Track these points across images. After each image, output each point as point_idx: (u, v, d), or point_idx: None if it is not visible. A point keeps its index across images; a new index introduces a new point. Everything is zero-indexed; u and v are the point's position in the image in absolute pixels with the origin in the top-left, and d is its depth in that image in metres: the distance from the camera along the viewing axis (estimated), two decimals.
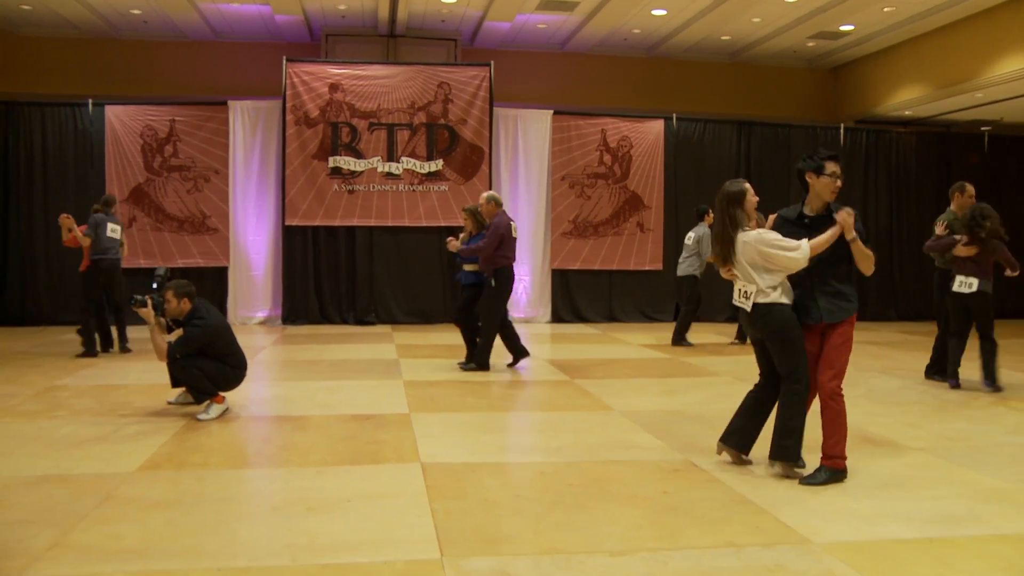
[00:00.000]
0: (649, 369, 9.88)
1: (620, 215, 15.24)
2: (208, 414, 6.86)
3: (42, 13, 13.74)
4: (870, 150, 16.14)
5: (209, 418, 6.82)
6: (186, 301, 6.92)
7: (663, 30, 14.77)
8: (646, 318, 15.25)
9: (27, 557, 3.86)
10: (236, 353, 7.11)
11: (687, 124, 15.59)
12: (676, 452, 5.84)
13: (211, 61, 15.18)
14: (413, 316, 14.53)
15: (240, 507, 4.74)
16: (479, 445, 6.15)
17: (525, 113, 15.05)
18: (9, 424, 6.60)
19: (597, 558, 3.89)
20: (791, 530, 4.29)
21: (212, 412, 6.89)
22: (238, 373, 7.12)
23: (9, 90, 14.36)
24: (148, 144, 14.14)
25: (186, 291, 6.93)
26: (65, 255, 13.89)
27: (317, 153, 14.18)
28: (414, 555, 3.93)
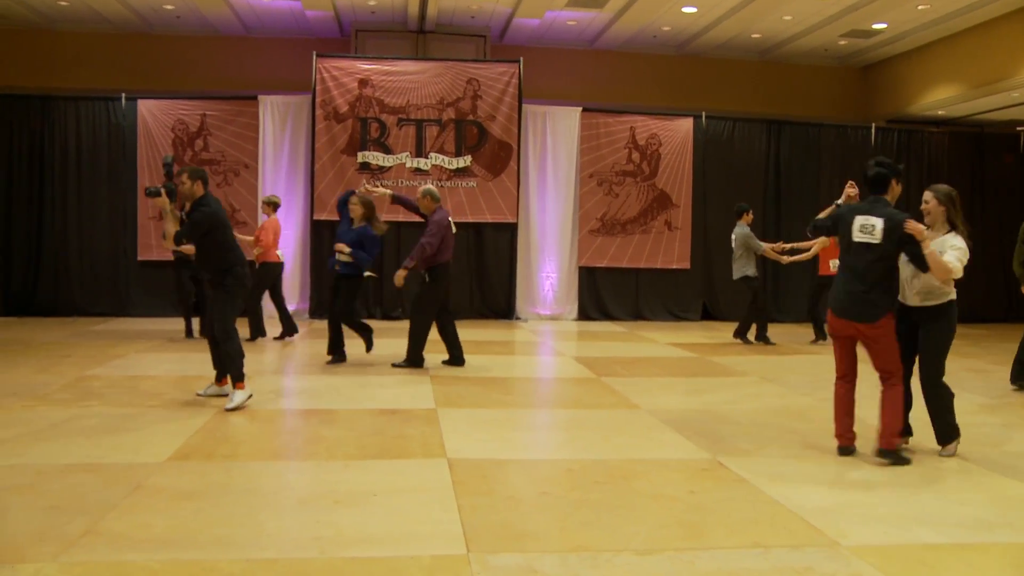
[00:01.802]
0: (676, 368, 9.84)
1: (648, 213, 15.18)
2: (233, 402, 6.93)
3: (78, 8, 13.89)
4: (901, 150, 15.96)
5: (235, 406, 6.88)
6: (199, 184, 7.04)
7: (693, 27, 14.70)
8: (673, 317, 15.19)
9: (61, 543, 3.91)
10: (236, 249, 7.21)
11: (716, 122, 15.50)
12: (703, 451, 5.82)
13: (242, 56, 15.28)
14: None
15: (268, 499, 4.77)
16: (505, 441, 6.16)
17: (554, 110, 15.03)
18: (42, 412, 6.69)
19: (623, 556, 3.89)
20: (819, 532, 4.26)
21: (236, 399, 6.95)
22: (246, 274, 7.23)
23: (45, 84, 14.52)
24: (179, 138, 14.26)
25: (200, 175, 7.09)
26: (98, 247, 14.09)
27: (346, 148, 14.24)
28: (440, 550, 3.94)
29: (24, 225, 14.15)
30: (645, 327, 14.08)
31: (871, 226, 5.48)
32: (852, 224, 5.58)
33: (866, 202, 5.66)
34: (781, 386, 8.59)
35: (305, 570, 3.70)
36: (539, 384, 9.15)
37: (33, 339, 11.12)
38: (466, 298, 14.66)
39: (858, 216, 5.57)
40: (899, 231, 5.38)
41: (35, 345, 10.59)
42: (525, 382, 9.10)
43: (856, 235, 5.55)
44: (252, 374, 8.71)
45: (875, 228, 5.46)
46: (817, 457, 5.72)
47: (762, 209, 14.83)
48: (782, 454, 5.78)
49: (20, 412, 6.72)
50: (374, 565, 3.77)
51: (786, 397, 8.03)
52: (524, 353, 11.30)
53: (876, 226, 5.46)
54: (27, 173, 14.15)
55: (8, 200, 14.09)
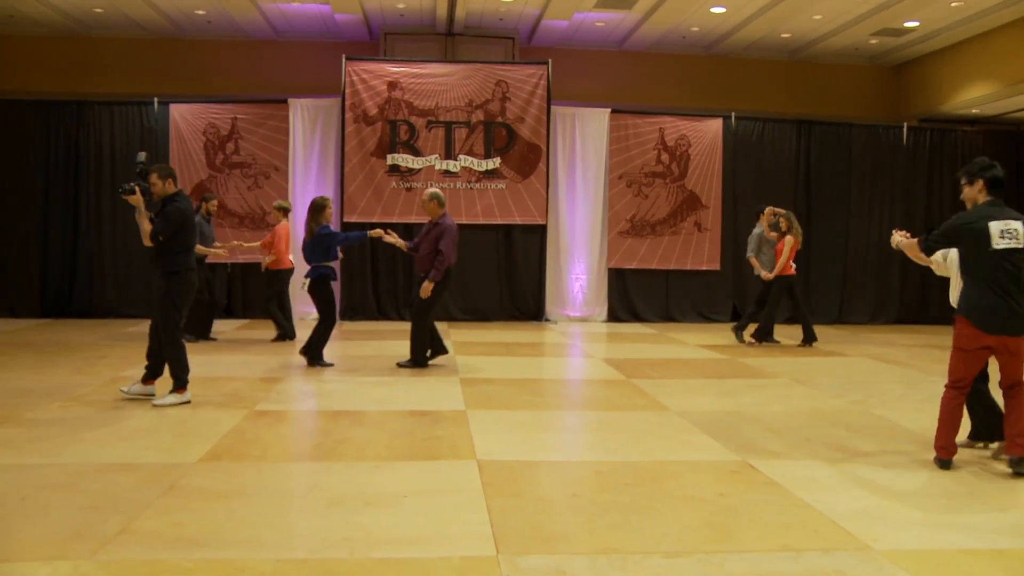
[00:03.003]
0: (706, 370, 9.80)
1: (678, 214, 15.13)
2: (165, 400, 7.04)
3: (113, 15, 14.08)
4: (934, 150, 15.78)
5: (165, 403, 7.00)
6: (170, 183, 7.15)
7: (722, 28, 14.64)
8: (703, 318, 15.13)
9: (97, 541, 3.98)
10: (193, 254, 7.28)
11: (746, 123, 15.42)
12: (733, 454, 5.79)
13: (272, 60, 15.40)
14: (469, 313, 14.58)
15: (298, 500, 4.80)
16: (535, 443, 6.17)
17: (583, 111, 15.02)
18: (78, 413, 6.78)
19: (653, 559, 3.88)
20: (851, 536, 4.22)
21: (170, 400, 7.06)
22: (195, 282, 7.31)
23: (81, 90, 14.72)
24: (211, 141, 14.40)
25: (169, 172, 7.19)
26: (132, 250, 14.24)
27: (375, 151, 14.31)
28: (470, 551, 3.95)
29: (60, 228, 14.36)
30: (675, 329, 14.03)
31: (1013, 230, 5.18)
32: (987, 232, 5.19)
33: (986, 207, 5.31)
34: (812, 388, 8.53)
35: (335, 570, 3.72)
36: (568, 386, 9.14)
37: (69, 340, 11.27)
38: (495, 300, 14.68)
39: (992, 222, 5.20)
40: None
41: (71, 346, 10.74)
42: (555, 384, 9.10)
43: (997, 242, 5.17)
44: (284, 376, 8.80)
45: (1018, 232, 5.16)
46: (849, 460, 5.68)
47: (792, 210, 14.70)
48: (813, 457, 5.74)
49: (58, 412, 6.81)
50: (404, 566, 3.79)
51: (817, 399, 7.97)
52: (553, 355, 11.30)
53: (1019, 230, 5.16)
54: (63, 177, 14.36)
55: (45, 204, 14.30)
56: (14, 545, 3.95)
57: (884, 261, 15.05)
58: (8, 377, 8.44)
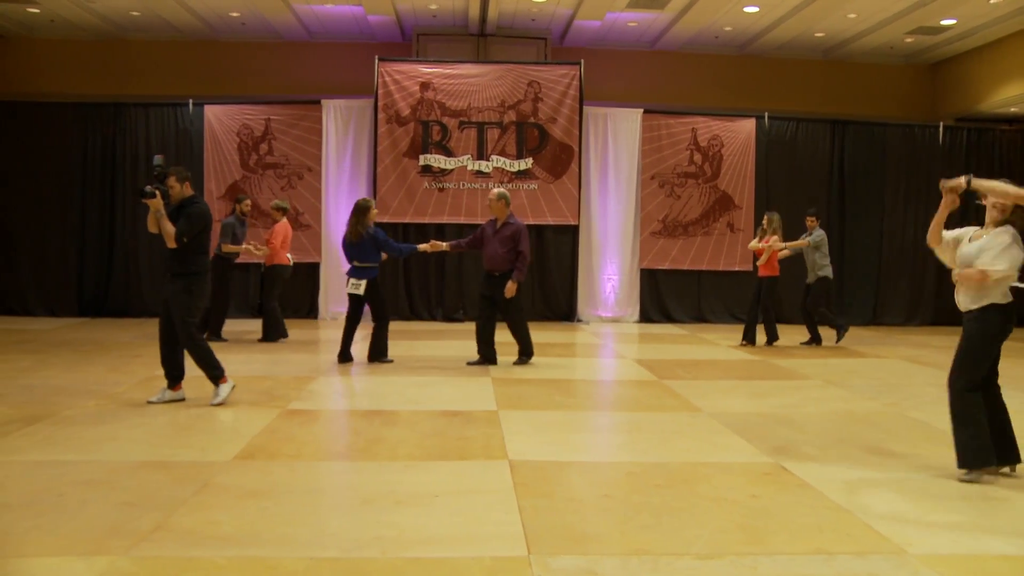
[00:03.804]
0: (738, 371, 9.75)
1: (710, 215, 15.06)
2: (219, 396, 7.08)
3: (149, 18, 14.25)
4: (971, 149, 15.58)
5: (221, 400, 7.04)
6: (188, 185, 7.25)
7: (755, 28, 14.55)
8: (735, 319, 15.01)
9: (133, 537, 4.02)
10: (208, 256, 7.38)
11: (779, 123, 15.31)
12: (765, 455, 5.75)
13: (305, 61, 15.51)
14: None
15: (331, 499, 4.84)
16: (567, 443, 6.16)
17: (615, 112, 14.99)
18: (115, 411, 6.86)
19: (684, 560, 3.86)
20: (885, 539, 4.17)
21: (223, 393, 7.10)
22: (208, 283, 7.44)
23: (117, 92, 14.93)
24: (244, 142, 14.53)
25: (186, 176, 7.29)
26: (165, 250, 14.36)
27: (408, 151, 14.37)
28: (502, 552, 3.95)
29: (97, 229, 14.55)
30: (707, 329, 13.96)
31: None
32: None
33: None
34: (845, 390, 8.46)
35: (367, 570, 3.74)
36: (600, 386, 9.13)
37: (105, 339, 11.42)
38: (527, 300, 14.62)
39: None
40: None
41: (107, 345, 10.87)
42: (586, 384, 9.09)
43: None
44: (314, 374, 8.86)
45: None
46: (883, 463, 5.62)
47: (827, 210, 14.60)
48: (847, 459, 5.69)
49: (94, 410, 6.91)
50: (435, 566, 3.80)
51: (850, 401, 7.90)
52: (585, 355, 11.29)
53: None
54: (100, 178, 14.56)
55: (83, 205, 14.51)
56: (53, 540, 4.01)
57: (919, 262, 14.87)
58: (47, 375, 8.57)
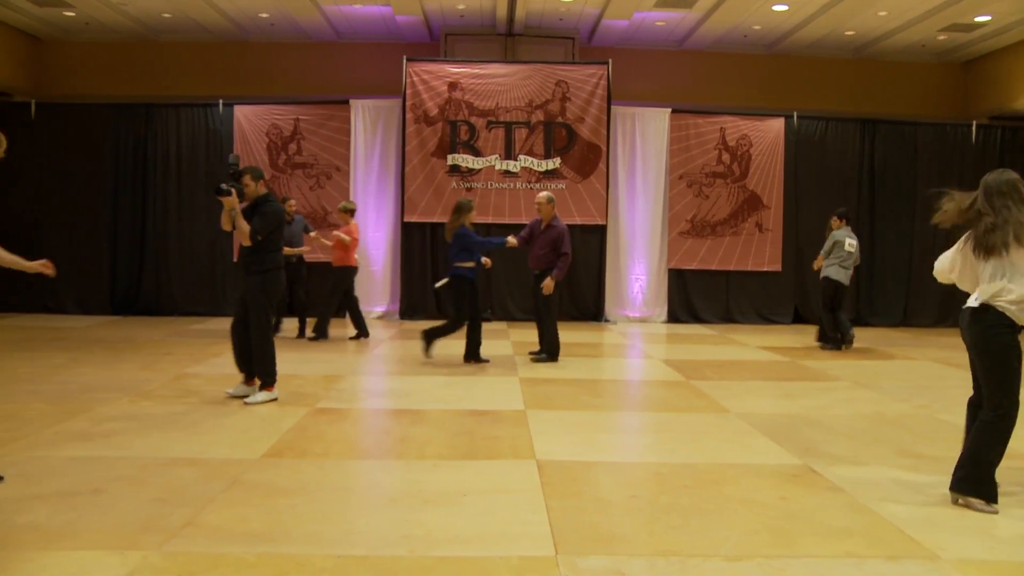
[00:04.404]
0: (767, 372, 9.69)
1: (738, 215, 14.99)
2: (257, 399, 7.16)
3: (180, 20, 14.39)
4: (1004, 148, 15.36)
5: (256, 402, 7.12)
6: (262, 184, 7.38)
7: (784, 26, 14.45)
8: (763, 320, 14.96)
9: (164, 533, 4.08)
10: (281, 253, 7.46)
11: (808, 122, 15.21)
12: (794, 457, 5.72)
13: (334, 61, 15.58)
14: (529, 313, 14.48)
15: (359, 497, 4.86)
16: (594, 444, 6.16)
17: (643, 111, 14.95)
18: (146, 408, 6.94)
19: (713, 562, 3.85)
20: (917, 544, 4.14)
21: (261, 398, 7.18)
22: (282, 279, 7.48)
23: (149, 93, 15.09)
24: (273, 142, 14.62)
25: (260, 174, 7.41)
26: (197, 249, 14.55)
27: (436, 151, 14.40)
28: (529, 551, 3.96)
29: (129, 228, 14.71)
30: (735, 330, 13.89)
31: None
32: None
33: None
34: (875, 392, 8.39)
35: (394, 568, 3.76)
36: (628, 387, 9.11)
37: (137, 337, 11.54)
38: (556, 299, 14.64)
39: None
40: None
41: (139, 343, 10.99)
42: (614, 384, 9.07)
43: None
44: (343, 373, 8.91)
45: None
46: (914, 465, 5.57)
47: (856, 211, 14.49)
48: (877, 462, 5.64)
49: (126, 407, 6.98)
50: (463, 565, 3.81)
51: (880, 403, 7.83)
52: (613, 355, 11.27)
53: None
54: (131, 178, 14.72)
55: (115, 204, 14.67)
56: (88, 535, 4.07)
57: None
58: (81, 372, 8.68)
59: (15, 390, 7.67)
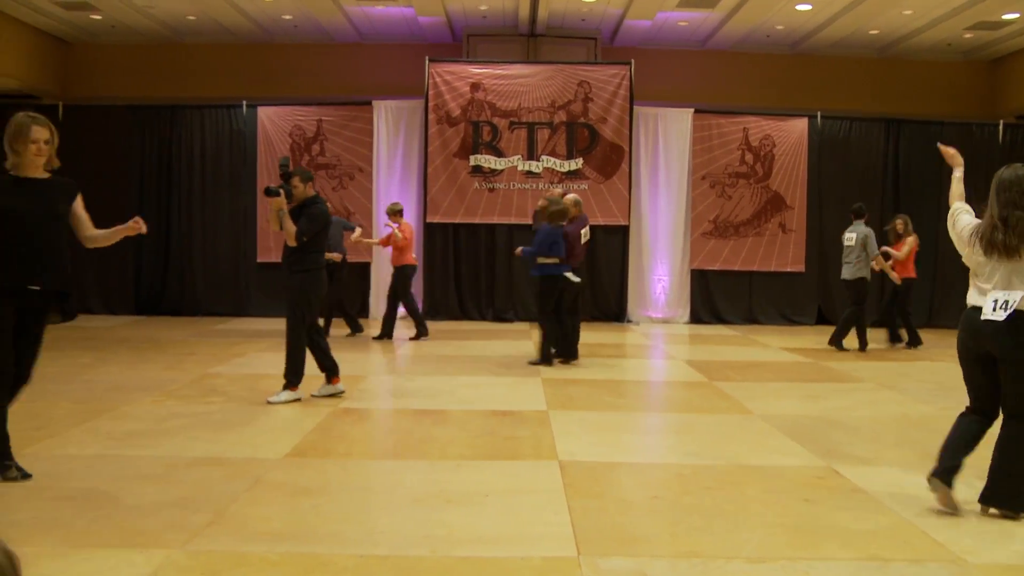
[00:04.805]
0: (790, 373, 9.64)
1: (761, 215, 14.92)
2: (279, 397, 7.20)
3: (204, 22, 14.49)
4: None
5: (278, 401, 7.16)
6: (310, 186, 7.47)
7: (807, 26, 14.36)
8: (787, 321, 14.88)
9: (188, 532, 4.10)
10: (324, 253, 7.61)
11: (832, 122, 15.11)
12: (818, 459, 5.68)
13: (356, 62, 15.63)
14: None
15: (381, 497, 4.88)
16: (617, 444, 6.15)
17: (665, 112, 14.91)
18: (171, 408, 7.00)
19: (735, 564, 3.84)
20: (942, 547, 4.09)
21: (284, 397, 7.21)
22: (324, 280, 7.61)
23: (173, 94, 15.18)
24: (297, 143, 14.70)
25: (309, 176, 7.52)
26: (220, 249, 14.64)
27: (458, 151, 14.42)
28: (551, 552, 3.96)
29: (153, 229, 14.68)
30: (758, 331, 13.83)
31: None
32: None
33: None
34: (899, 393, 8.33)
35: (416, 568, 3.77)
36: (650, 387, 9.09)
37: (161, 337, 11.63)
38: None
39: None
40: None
41: (163, 343, 11.08)
42: (636, 385, 9.05)
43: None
44: (369, 373, 8.94)
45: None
46: None
47: (880, 211, 14.37)
48: (901, 464, 5.60)
49: (151, 407, 7.04)
50: (485, 565, 3.81)
51: (905, 405, 7.77)
52: (635, 356, 11.25)
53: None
54: (156, 179, 14.86)
55: (139, 205, 14.73)
56: (113, 533, 4.11)
57: None
58: (106, 372, 8.77)
59: (42, 389, 7.72)
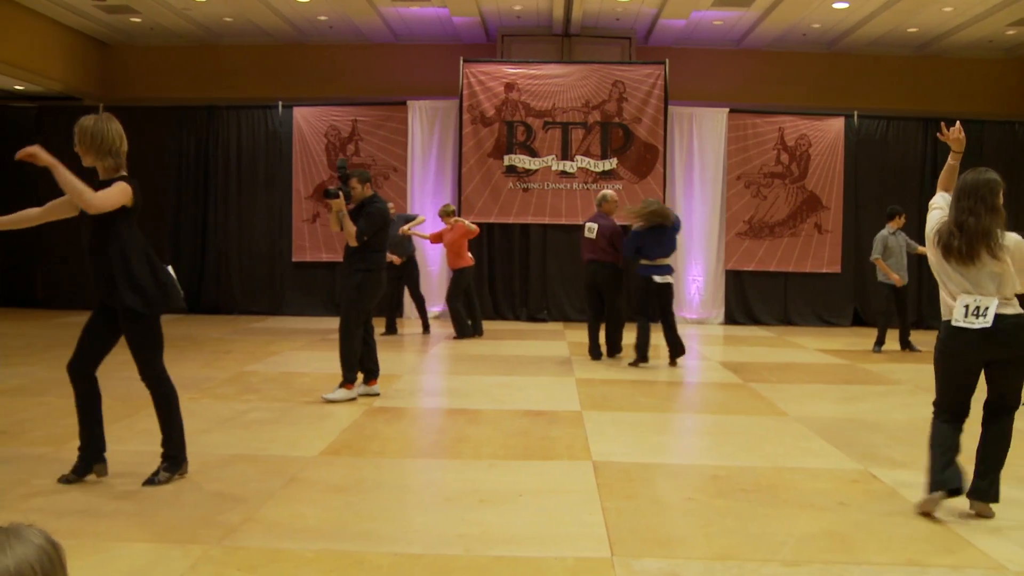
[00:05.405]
0: (825, 374, 9.56)
1: (797, 215, 14.79)
2: (335, 395, 7.25)
3: (241, 23, 14.62)
4: None
5: (333, 399, 7.21)
6: (368, 186, 7.48)
7: (844, 24, 14.22)
8: (822, 322, 14.74)
9: (224, 528, 4.15)
10: (384, 253, 7.59)
11: (869, 121, 14.95)
12: (854, 462, 5.63)
13: (391, 63, 15.70)
14: (585, 314, 14.47)
15: (415, 496, 4.90)
16: (651, 445, 6.13)
17: (700, 111, 14.83)
18: (207, 405, 7.07)
19: (770, 567, 3.80)
20: (983, 553, 4.02)
21: (339, 396, 7.26)
22: (382, 280, 7.56)
23: (210, 95, 15.35)
24: (332, 143, 14.79)
25: (368, 177, 7.53)
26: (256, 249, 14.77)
27: (493, 151, 14.44)
28: (585, 552, 3.95)
29: (191, 228, 15.00)
30: (793, 332, 13.71)
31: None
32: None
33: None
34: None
35: (450, 567, 3.78)
36: (685, 388, 9.05)
37: (198, 335, 11.75)
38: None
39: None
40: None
41: (200, 341, 11.19)
42: (670, 386, 9.01)
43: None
44: (403, 372, 8.97)
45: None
46: None
47: (917, 212, 14.15)
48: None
49: (188, 404, 7.05)
50: (518, 564, 3.81)
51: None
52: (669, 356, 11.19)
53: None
54: (193, 179, 15.02)
55: (177, 205, 14.97)
56: (151, 528, 4.16)
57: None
58: None
59: None
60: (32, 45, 13.68)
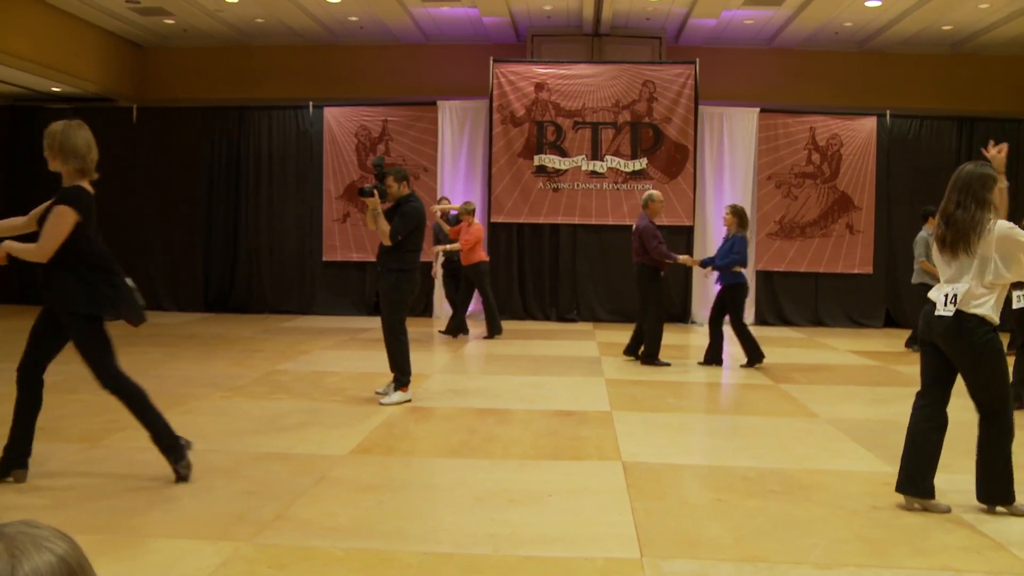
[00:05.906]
0: (857, 376, 9.48)
1: (828, 216, 14.67)
2: (391, 399, 7.23)
3: (272, 24, 14.72)
4: None
5: (391, 403, 7.18)
6: (404, 185, 7.46)
7: (877, 22, 14.08)
8: (854, 323, 14.61)
9: (256, 525, 4.19)
10: (419, 254, 7.51)
11: (902, 121, 14.79)
12: (886, 464, 5.57)
13: (421, 63, 15.74)
14: (615, 314, 14.49)
15: (445, 495, 4.91)
16: (680, 446, 6.11)
17: (731, 111, 14.75)
18: (239, 404, 7.13)
19: (801, 570, 3.78)
20: (1021, 561, 3.96)
21: (395, 398, 7.24)
22: (418, 280, 7.57)
23: (242, 96, 15.48)
24: (362, 143, 14.85)
25: (404, 175, 7.51)
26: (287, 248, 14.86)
27: (522, 151, 14.44)
28: (614, 553, 3.95)
29: (222, 227, 15.13)
30: (824, 333, 13.60)
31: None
32: None
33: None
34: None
35: (480, 566, 3.79)
36: (715, 389, 9.00)
37: (229, 334, 11.85)
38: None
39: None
40: None
41: (231, 340, 11.28)
42: (700, 387, 8.98)
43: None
44: (431, 372, 8.99)
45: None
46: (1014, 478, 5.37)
47: None
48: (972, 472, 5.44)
49: (219, 402, 7.18)
50: (547, 565, 3.82)
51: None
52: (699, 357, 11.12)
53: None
54: (225, 179, 15.14)
55: (209, 205, 15.10)
56: (183, 524, 4.21)
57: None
58: (177, 367, 8.96)
59: None
60: (68, 47, 13.85)
